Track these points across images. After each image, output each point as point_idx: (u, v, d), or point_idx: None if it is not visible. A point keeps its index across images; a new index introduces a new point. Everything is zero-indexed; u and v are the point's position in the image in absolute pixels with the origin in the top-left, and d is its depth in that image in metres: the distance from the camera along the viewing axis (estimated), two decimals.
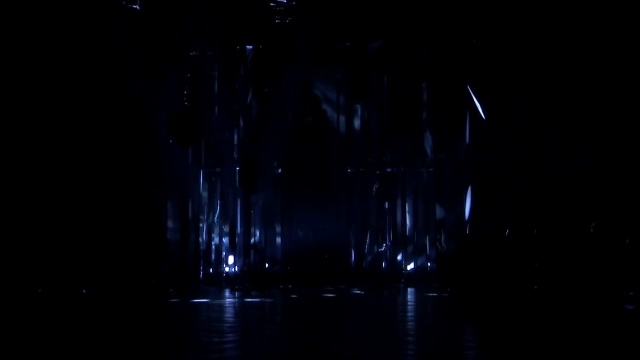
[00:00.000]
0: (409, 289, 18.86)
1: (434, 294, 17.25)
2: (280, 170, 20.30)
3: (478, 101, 18.74)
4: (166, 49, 17.86)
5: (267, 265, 19.75)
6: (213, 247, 19.81)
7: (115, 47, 16.26)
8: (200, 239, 19.59)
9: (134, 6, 16.85)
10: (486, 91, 18.21)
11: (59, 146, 15.02)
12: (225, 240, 19.84)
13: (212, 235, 19.87)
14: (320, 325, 11.63)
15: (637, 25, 13.29)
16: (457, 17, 18.09)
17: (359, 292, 18.22)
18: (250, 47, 19.61)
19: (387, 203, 20.01)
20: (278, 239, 20.10)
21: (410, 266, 20.26)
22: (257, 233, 19.98)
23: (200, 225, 19.66)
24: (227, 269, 19.68)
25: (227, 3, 17.51)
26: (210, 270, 19.67)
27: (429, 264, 20.05)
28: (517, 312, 12.50)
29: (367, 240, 20.22)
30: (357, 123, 20.57)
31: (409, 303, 15.98)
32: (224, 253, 19.80)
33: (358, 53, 19.37)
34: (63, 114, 15.11)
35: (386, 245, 20.04)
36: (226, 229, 19.82)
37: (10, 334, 10.03)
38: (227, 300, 16.31)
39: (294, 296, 17.32)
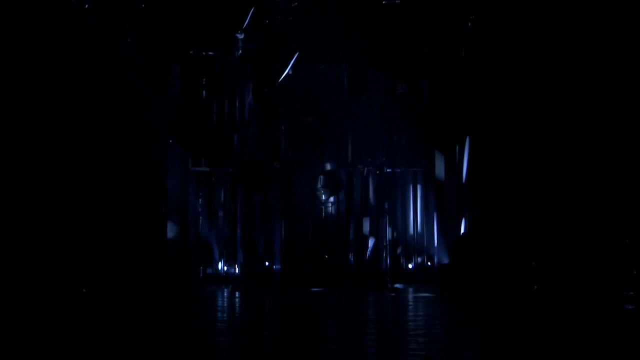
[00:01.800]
0: (409, 289, 18.84)
1: (434, 294, 17.24)
2: (280, 170, 20.28)
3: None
4: (167, 48, 17.89)
5: (266, 264, 19.73)
6: (213, 246, 19.77)
7: (116, 46, 16.26)
8: (200, 239, 19.55)
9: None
10: (485, 91, 18.19)
11: (59, 147, 15.02)
12: (225, 240, 19.81)
13: (212, 234, 19.83)
14: (321, 325, 11.63)
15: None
16: (457, 17, 18.09)
17: (358, 291, 18.20)
18: (250, 46, 19.60)
19: (386, 203, 19.99)
20: (278, 239, 20.08)
21: (410, 266, 20.25)
22: (257, 233, 19.95)
23: (200, 225, 19.63)
24: (226, 269, 19.66)
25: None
26: (210, 270, 19.64)
27: (428, 264, 20.02)
28: (517, 312, 12.49)
29: (367, 240, 20.19)
30: (357, 123, 20.52)
31: (409, 303, 15.98)
32: (223, 253, 19.77)
33: (358, 53, 19.35)
34: (63, 114, 15.12)
35: (386, 245, 20.01)
36: (226, 228, 19.80)
37: (10, 333, 10.03)
38: (227, 299, 16.30)
39: (293, 295, 17.30)
